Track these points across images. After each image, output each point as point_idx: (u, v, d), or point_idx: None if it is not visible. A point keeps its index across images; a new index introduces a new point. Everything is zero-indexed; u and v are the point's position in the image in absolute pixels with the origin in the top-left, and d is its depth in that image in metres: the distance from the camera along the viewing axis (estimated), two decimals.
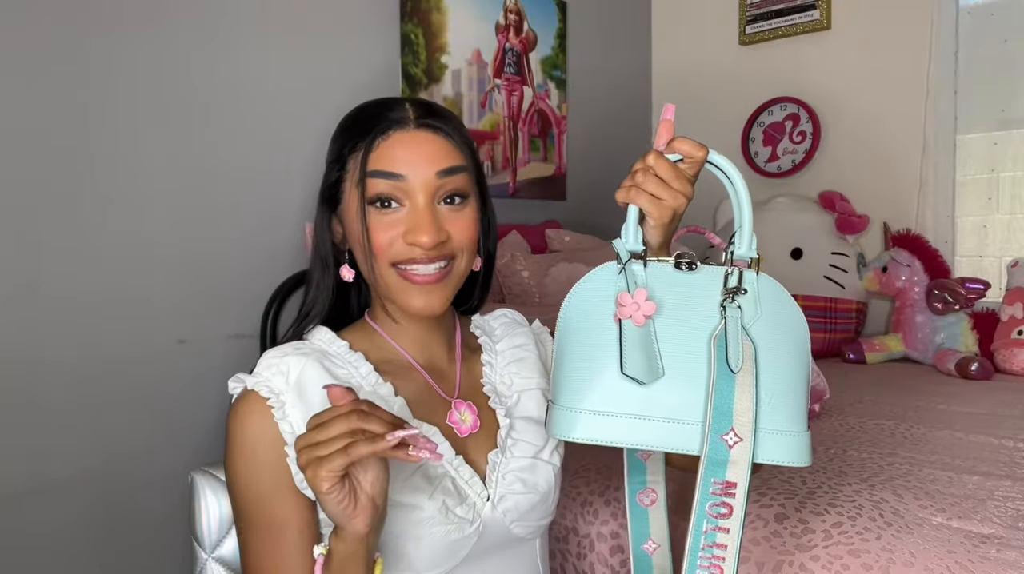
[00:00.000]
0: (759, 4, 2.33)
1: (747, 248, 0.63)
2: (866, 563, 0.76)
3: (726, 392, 0.57)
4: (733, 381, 0.57)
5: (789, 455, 0.58)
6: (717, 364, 0.58)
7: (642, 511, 0.74)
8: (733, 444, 0.56)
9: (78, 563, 1.16)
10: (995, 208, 2.05)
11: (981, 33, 2.02)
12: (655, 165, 0.61)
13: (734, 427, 0.56)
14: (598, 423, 0.58)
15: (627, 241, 0.62)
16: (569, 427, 0.59)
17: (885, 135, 2.13)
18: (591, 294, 0.62)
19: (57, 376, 1.13)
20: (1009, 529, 0.80)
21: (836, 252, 2.02)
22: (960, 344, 1.81)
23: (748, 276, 0.61)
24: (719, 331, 0.59)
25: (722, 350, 0.58)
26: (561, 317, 0.63)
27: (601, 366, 0.58)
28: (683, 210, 0.63)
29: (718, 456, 0.57)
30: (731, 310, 0.60)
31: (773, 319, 0.61)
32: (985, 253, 2.07)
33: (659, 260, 0.62)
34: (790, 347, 0.61)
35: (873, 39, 2.14)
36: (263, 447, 0.61)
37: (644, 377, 0.57)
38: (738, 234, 0.64)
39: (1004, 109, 2.00)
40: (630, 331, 0.58)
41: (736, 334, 0.59)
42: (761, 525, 0.84)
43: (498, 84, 1.96)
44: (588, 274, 0.62)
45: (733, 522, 0.57)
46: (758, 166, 2.36)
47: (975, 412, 1.33)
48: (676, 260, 0.61)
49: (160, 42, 1.24)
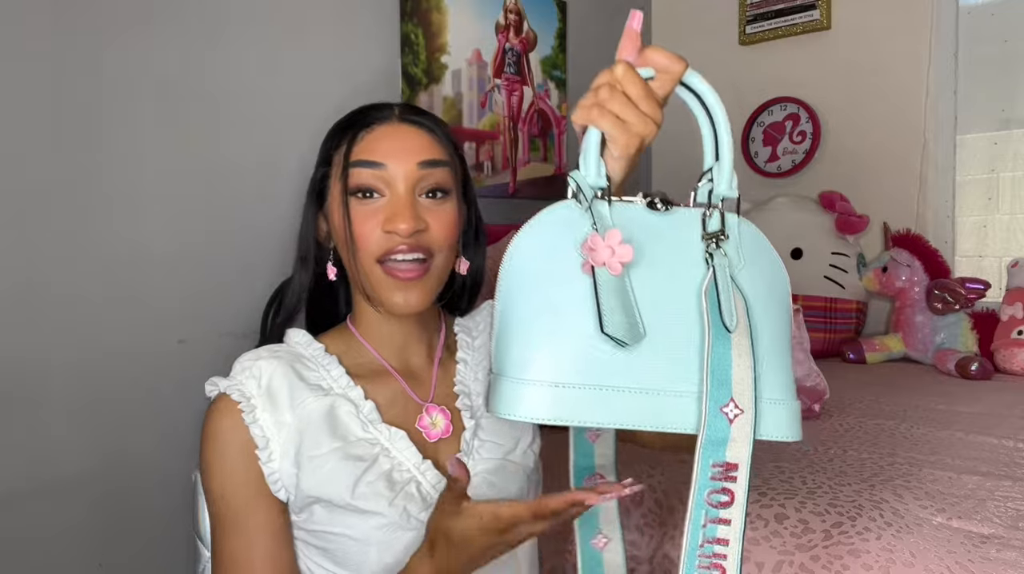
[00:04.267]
0: (759, 4, 2.33)
1: (728, 186, 0.53)
2: (866, 563, 0.76)
3: (723, 355, 0.49)
4: (729, 342, 0.49)
5: (785, 428, 0.51)
6: (712, 322, 0.49)
7: (594, 554, 0.64)
8: (734, 417, 0.48)
9: (79, 563, 1.16)
10: (995, 208, 2.05)
11: (981, 33, 2.02)
12: (624, 80, 0.52)
13: (734, 397, 0.48)
14: (559, 397, 0.48)
15: (588, 174, 0.52)
16: (515, 401, 0.48)
17: (885, 135, 2.13)
18: (546, 239, 0.51)
19: (57, 376, 1.13)
20: (1009, 529, 0.80)
21: (836, 252, 2.02)
22: (960, 344, 1.81)
23: (729, 219, 0.53)
24: (709, 282, 0.50)
25: (715, 305, 0.50)
26: (505, 270, 0.52)
27: (563, 326, 0.48)
28: (651, 139, 0.53)
29: (717, 433, 0.48)
30: (719, 257, 0.51)
31: (756, 268, 0.53)
32: (985, 253, 2.07)
33: (626, 200, 0.53)
34: (775, 300, 0.53)
35: (873, 39, 2.14)
36: (235, 450, 0.62)
37: (627, 336, 0.48)
38: (717, 170, 0.54)
39: (1004, 109, 2.00)
40: (606, 282, 0.48)
41: (727, 285, 0.50)
42: (761, 525, 0.84)
43: (498, 84, 1.96)
44: (539, 215, 0.52)
45: (735, 512, 0.50)
46: (758, 166, 2.36)
47: (975, 412, 1.33)
48: (647, 199, 0.52)
49: (160, 43, 1.24)
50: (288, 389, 0.63)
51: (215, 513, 0.63)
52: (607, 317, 0.48)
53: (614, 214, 0.52)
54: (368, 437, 0.63)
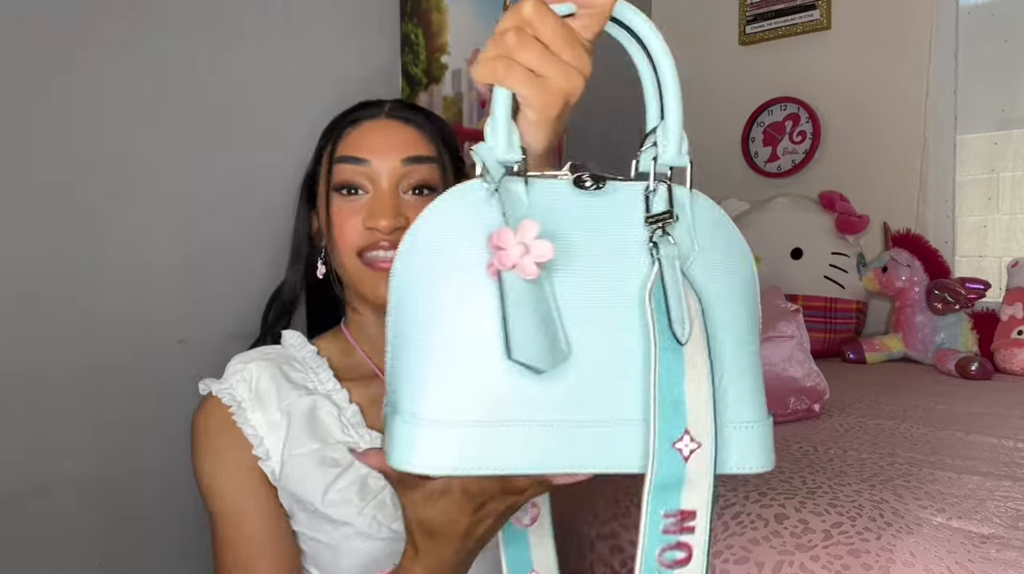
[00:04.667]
0: (759, 4, 2.33)
1: (676, 152, 0.42)
2: (866, 563, 0.76)
3: (673, 374, 0.38)
4: (681, 356, 0.38)
5: (755, 457, 0.41)
6: (658, 332, 0.38)
7: (519, 533, 0.53)
8: (690, 453, 0.38)
9: (79, 563, 1.16)
10: (995, 208, 2.05)
11: (981, 33, 2.02)
12: (536, 20, 0.39)
13: (689, 428, 0.38)
14: (464, 440, 0.37)
15: (496, 146, 0.41)
16: (408, 446, 0.37)
17: (885, 135, 2.13)
18: (445, 234, 0.40)
19: (57, 376, 1.13)
20: (1009, 529, 0.80)
21: (836, 252, 2.02)
22: (960, 344, 1.81)
23: (679, 196, 0.42)
24: (654, 280, 0.39)
25: (662, 310, 0.39)
26: (394, 273, 0.41)
27: (465, 346, 0.38)
28: (577, 97, 0.42)
29: (669, 474, 0.38)
30: (665, 246, 0.40)
31: (714, 256, 0.42)
32: (985, 253, 2.07)
33: (547, 176, 0.41)
34: (739, 295, 0.42)
35: (873, 39, 2.14)
36: (225, 445, 0.63)
37: (542, 361, 0.37)
38: (662, 132, 0.42)
39: (1004, 109, 2.00)
40: (516, 289, 0.37)
41: (676, 283, 0.39)
42: (761, 525, 0.84)
43: None
44: (433, 204, 0.40)
45: (693, 571, 0.40)
46: (758, 166, 2.36)
47: (975, 412, 1.33)
48: (574, 174, 0.40)
49: (158, 42, 1.24)
50: (276, 389, 0.63)
51: (211, 509, 0.63)
52: (516, 336, 0.36)
53: (533, 196, 0.40)
54: (347, 440, 0.63)
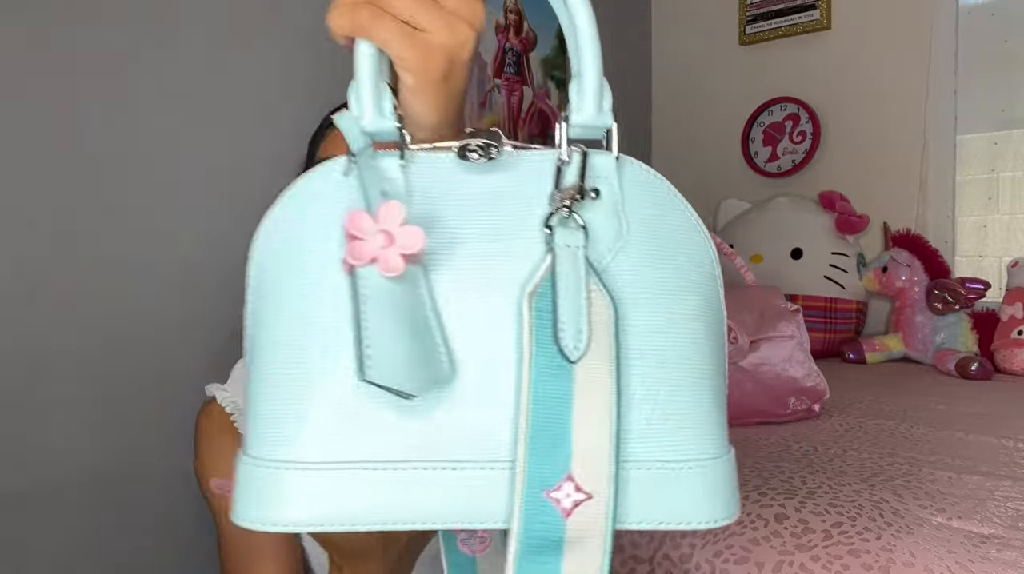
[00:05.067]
0: (759, 4, 2.33)
1: (595, 111, 0.35)
2: (866, 563, 0.76)
3: (555, 400, 0.30)
4: (570, 377, 0.31)
5: (700, 507, 0.32)
6: (536, 346, 0.31)
7: (466, 560, 0.44)
8: (572, 506, 0.30)
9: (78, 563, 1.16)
10: (995, 208, 2.05)
11: (981, 33, 2.01)
12: None
13: (573, 472, 0.30)
14: (318, 488, 0.30)
15: (362, 114, 0.34)
16: (245, 498, 0.31)
17: (885, 135, 2.13)
18: (296, 227, 0.34)
19: (58, 376, 1.13)
20: (1009, 529, 0.80)
21: (836, 252, 2.02)
22: (960, 344, 1.81)
23: (600, 164, 0.34)
24: (542, 278, 0.32)
25: (545, 317, 0.31)
26: (248, 272, 0.36)
27: (319, 365, 0.31)
28: (467, 55, 0.35)
29: (542, 531, 0.30)
30: (564, 233, 0.32)
31: (651, 243, 0.34)
32: (985, 253, 2.07)
33: (428, 149, 0.34)
34: (687, 294, 0.34)
35: (873, 39, 2.14)
36: (228, 451, 0.63)
37: (409, 382, 0.30)
38: (575, 86, 0.36)
39: (1004, 109, 2.00)
40: (375, 290, 0.30)
41: (576, 280, 0.31)
42: (761, 525, 0.84)
43: (498, 84, 1.96)
44: (290, 187, 0.34)
45: None
46: (758, 166, 2.36)
47: (975, 412, 1.33)
48: (461, 145, 0.33)
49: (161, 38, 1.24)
50: None
51: (213, 507, 0.64)
52: (374, 350, 0.29)
53: (411, 175, 0.33)
54: None
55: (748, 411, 1.22)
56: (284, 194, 0.34)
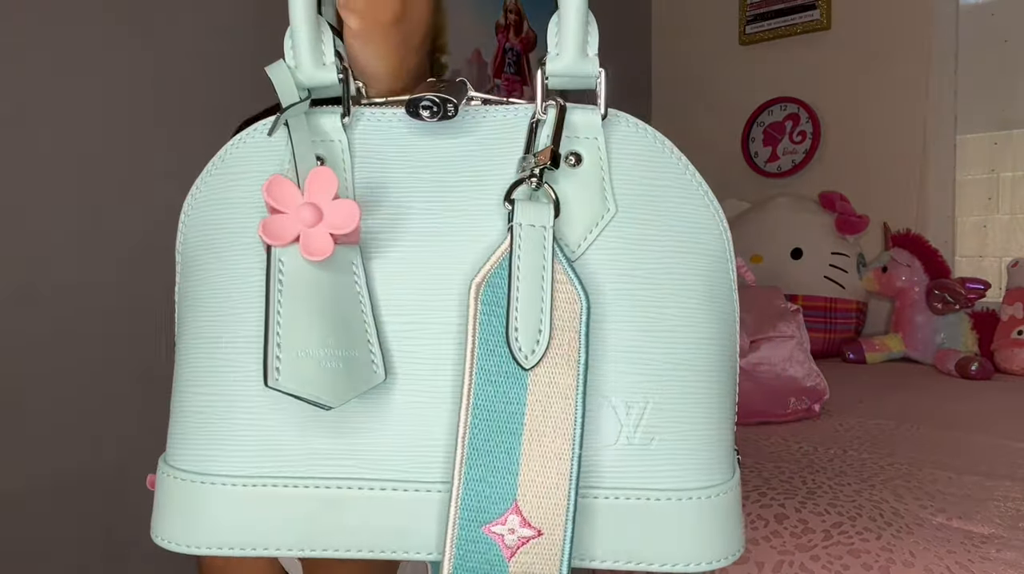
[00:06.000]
0: (759, 4, 2.33)
1: (576, 54, 0.29)
2: (866, 563, 0.76)
3: (502, 415, 0.25)
4: (522, 388, 0.25)
5: (691, 543, 0.27)
6: (480, 347, 0.25)
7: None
8: (518, 545, 0.24)
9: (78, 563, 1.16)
10: (995, 208, 2.05)
11: (981, 33, 2.01)
12: None
13: (519, 503, 0.24)
14: (237, 506, 0.26)
15: (298, 64, 0.28)
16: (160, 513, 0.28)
17: (885, 135, 2.13)
18: (221, 198, 0.30)
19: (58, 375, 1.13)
20: (1009, 529, 0.80)
21: (836, 252, 2.02)
22: (960, 344, 1.81)
23: (582, 122, 0.29)
24: (493, 265, 0.26)
25: (495, 312, 0.26)
26: (178, 260, 0.33)
27: (237, 361, 0.27)
28: None
29: (480, 570, 0.25)
30: (528, 209, 0.26)
31: (646, 222, 0.28)
32: (985, 253, 2.07)
33: (378, 103, 0.29)
34: (689, 284, 0.28)
35: (873, 39, 2.14)
36: None
37: (326, 390, 0.24)
38: (555, 26, 0.29)
39: (1004, 109, 2.00)
40: (295, 276, 0.25)
41: (536, 271, 0.26)
42: (761, 525, 0.84)
43: (498, 84, 1.96)
44: (221, 151, 0.30)
45: None
46: (758, 166, 2.36)
47: (975, 412, 1.33)
48: (411, 99, 0.27)
49: None
50: None
51: None
52: (285, 352, 0.24)
53: (357, 137, 0.28)
54: None
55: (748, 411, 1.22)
56: (216, 157, 0.30)
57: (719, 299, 0.29)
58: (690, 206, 0.29)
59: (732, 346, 0.29)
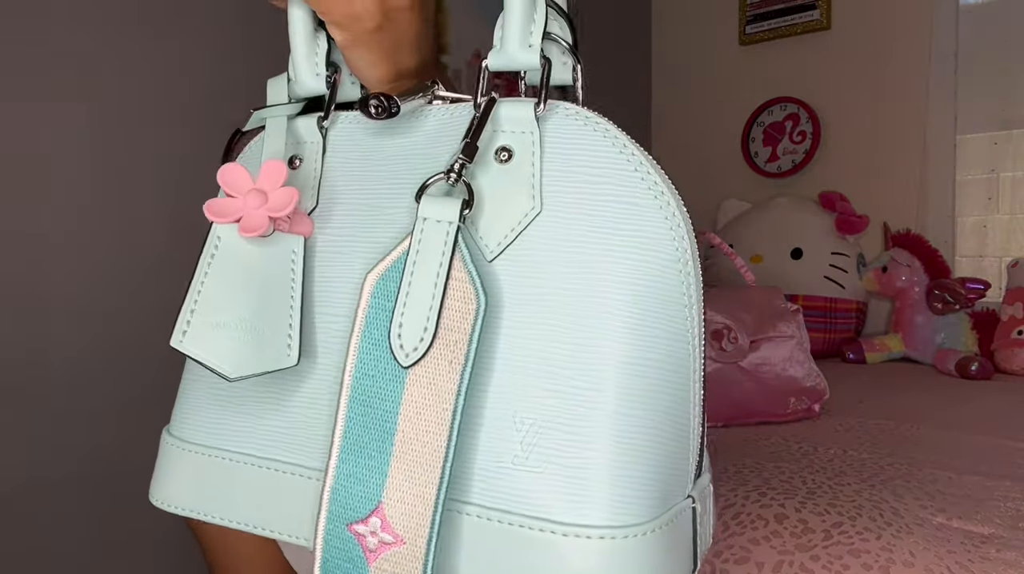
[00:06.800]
0: (759, 4, 2.33)
1: (517, 46, 0.30)
2: (866, 563, 0.76)
3: (377, 413, 0.24)
4: (400, 386, 0.24)
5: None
6: (363, 341, 0.25)
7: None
8: (378, 547, 0.23)
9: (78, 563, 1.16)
10: (995, 208, 2.05)
11: (981, 33, 2.02)
12: None
13: (384, 506, 0.23)
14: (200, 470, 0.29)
15: (294, 76, 0.32)
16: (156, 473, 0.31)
17: (885, 135, 2.13)
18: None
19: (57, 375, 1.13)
20: (1009, 529, 0.80)
21: (836, 252, 2.02)
22: (960, 344, 1.81)
23: (514, 116, 0.29)
24: (393, 260, 0.25)
25: (383, 307, 0.25)
26: None
27: None
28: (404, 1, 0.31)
29: (345, 566, 0.24)
30: (435, 205, 0.25)
31: (577, 220, 0.26)
32: (985, 253, 2.07)
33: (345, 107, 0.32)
34: (617, 291, 0.25)
35: (873, 39, 2.14)
36: None
37: (226, 361, 0.26)
38: (502, 16, 0.30)
39: (1004, 109, 2.00)
40: (228, 250, 0.27)
41: (432, 267, 0.24)
42: (761, 525, 0.84)
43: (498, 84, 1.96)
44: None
45: None
46: (758, 166, 2.36)
47: (975, 412, 1.33)
48: (360, 99, 0.29)
49: None
50: None
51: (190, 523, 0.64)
52: (197, 316, 0.27)
53: (332, 138, 0.30)
54: None
55: (748, 411, 1.22)
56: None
57: (659, 315, 0.25)
58: (631, 206, 0.25)
59: (678, 370, 0.25)
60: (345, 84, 0.33)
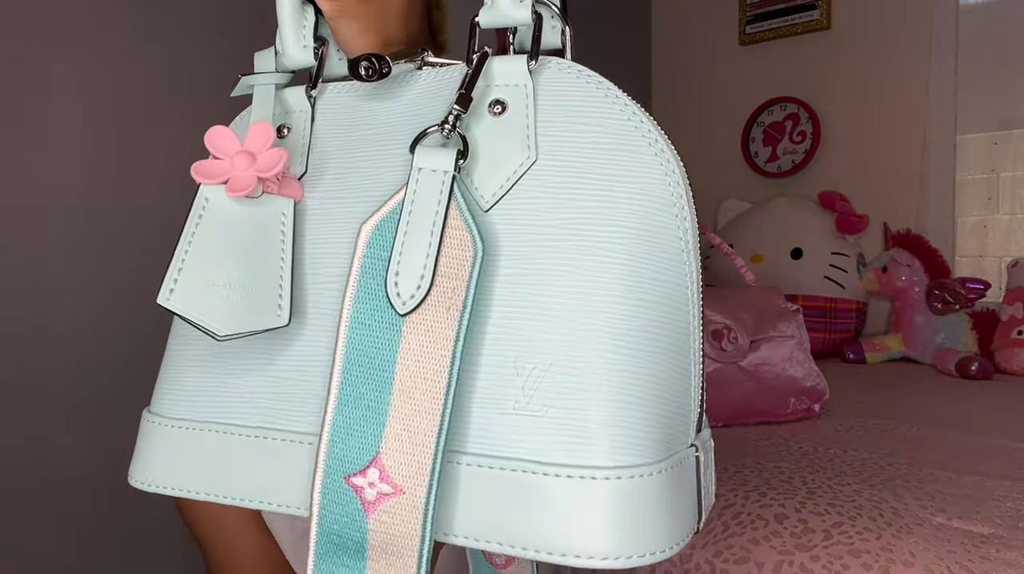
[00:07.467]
0: (759, 4, 2.33)
1: (507, 4, 0.29)
2: (866, 563, 0.76)
3: (373, 363, 0.23)
4: (397, 334, 0.23)
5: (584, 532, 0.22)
6: (359, 290, 0.25)
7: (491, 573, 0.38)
8: (376, 499, 0.23)
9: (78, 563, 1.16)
10: (995, 208, 2.05)
11: (981, 33, 2.01)
12: None
13: (382, 456, 0.22)
14: (179, 448, 0.27)
15: (282, 49, 0.32)
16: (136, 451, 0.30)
17: (885, 135, 2.13)
18: None
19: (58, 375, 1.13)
20: (1009, 529, 0.80)
21: (836, 252, 2.02)
22: (960, 344, 1.81)
23: (507, 71, 0.28)
24: (390, 209, 0.25)
25: (379, 256, 0.25)
26: None
27: None
28: None
29: (342, 527, 0.23)
30: (430, 155, 0.25)
31: (570, 170, 0.26)
32: (985, 253, 2.07)
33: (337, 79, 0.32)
34: (612, 235, 0.25)
35: (873, 39, 2.14)
36: None
37: (216, 317, 0.25)
38: None
39: (1004, 109, 2.00)
40: (216, 211, 0.27)
41: (428, 215, 0.24)
42: (761, 525, 0.84)
43: None
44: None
45: None
46: (758, 166, 2.36)
47: (975, 412, 1.33)
48: (351, 61, 0.29)
49: None
50: None
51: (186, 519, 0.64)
52: (184, 275, 0.26)
53: (321, 107, 0.30)
54: None
55: (748, 411, 1.22)
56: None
57: (657, 258, 0.25)
58: (625, 152, 0.26)
59: (676, 315, 0.26)
60: (332, 59, 0.33)
